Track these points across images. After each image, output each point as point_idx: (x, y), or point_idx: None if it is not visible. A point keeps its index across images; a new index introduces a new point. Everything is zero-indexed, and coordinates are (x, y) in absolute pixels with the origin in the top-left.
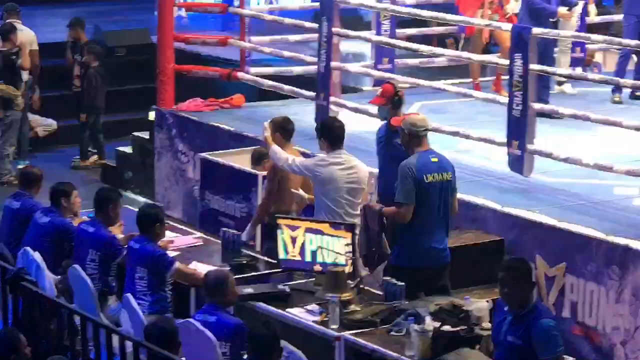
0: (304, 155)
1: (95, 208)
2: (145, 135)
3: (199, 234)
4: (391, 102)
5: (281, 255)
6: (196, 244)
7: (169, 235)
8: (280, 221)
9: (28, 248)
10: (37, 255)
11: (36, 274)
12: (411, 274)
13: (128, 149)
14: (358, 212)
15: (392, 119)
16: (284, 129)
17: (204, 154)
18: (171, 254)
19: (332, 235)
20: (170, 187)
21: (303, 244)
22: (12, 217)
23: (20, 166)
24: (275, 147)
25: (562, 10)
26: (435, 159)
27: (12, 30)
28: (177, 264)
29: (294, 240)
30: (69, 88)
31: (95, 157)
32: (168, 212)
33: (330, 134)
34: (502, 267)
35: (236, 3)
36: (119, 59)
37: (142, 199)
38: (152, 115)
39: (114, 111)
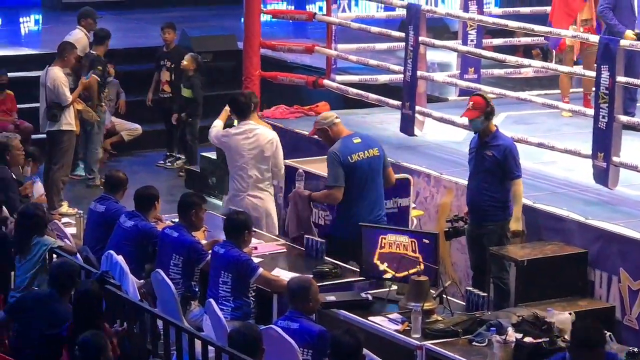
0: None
1: (179, 213)
2: None
3: (282, 241)
4: (484, 114)
5: (365, 263)
6: (280, 251)
7: (253, 241)
8: (362, 227)
9: (112, 251)
10: (120, 259)
11: (120, 277)
12: (346, 244)
13: (213, 155)
14: (266, 177)
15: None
16: (232, 107)
17: (288, 161)
18: (255, 260)
19: (413, 244)
20: None
21: (386, 253)
22: (97, 220)
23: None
24: (216, 121)
25: (629, 34)
26: (358, 140)
27: (108, 36)
28: (261, 270)
29: (377, 247)
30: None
31: (181, 161)
32: None
33: (239, 108)
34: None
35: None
36: (205, 65)
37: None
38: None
39: (203, 116)
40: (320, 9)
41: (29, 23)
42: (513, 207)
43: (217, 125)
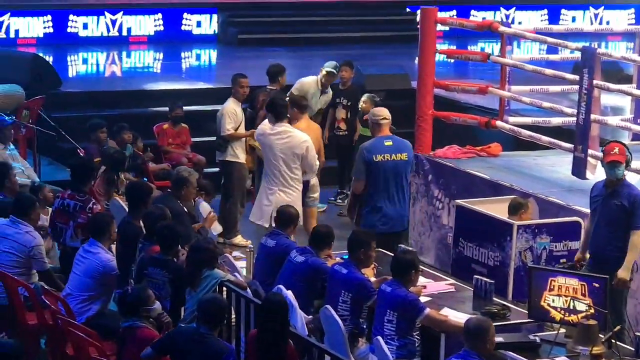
0: None
1: (349, 250)
2: None
3: (451, 281)
4: (627, 161)
5: (534, 305)
6: (448, 291)
7: (422, 280)
8: (532, 269)
9: (282, 286)
10: (290, 294)
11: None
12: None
13: None
14: (296, 175)
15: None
16: (298, 105)
17: (459, 201)
18: (423, 299)
19: (583, 287)
20: (424, 233)
21: (555, 295)
22: (268, 255)
23: None
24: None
25: None
26: (390, 143)
27: (282, 71)
28: (428, 310)
29: (546, 289)
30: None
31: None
32: (421, 257)
33: (275, 110)
34: None
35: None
36: (379, 103)
37: None
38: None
39: None
40: (483, 49)
41: (204, 57)
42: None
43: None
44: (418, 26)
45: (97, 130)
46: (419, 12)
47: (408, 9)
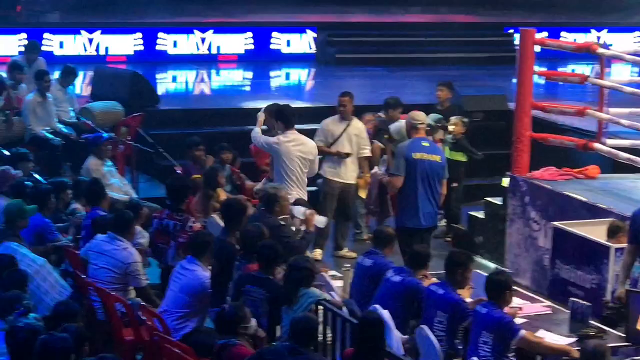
0: None
1: (447, 270)
2: (497, 201)
3: (547, 303)
4: None
5: (631, 328)
6: (544, 313)
7: (517, 302)
8: (629, 293)
9: (378, 305)
10: (386, 313)
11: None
12: (411, 232)
13: (480, 214)
14: (305, 178)
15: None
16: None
17: (556, 223)
18: (519, 321)
19: None
20: (520, 254)
21: None
22: (364, 274)
23: None
24: (255, 128)
25: None
26: (427, 144)
27: (397, 106)
28: (524, 332)
29: None
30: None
31: (444, 220)
32: (517, 279)
33: (285, 118)
34: None
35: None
36: (476, 124)
37: (491, 265)
38: (505, 182)
39: (467, 175)
40: (574, 70)
41: (302, 76)
42: None
43: (258, 131)
44: (516, 47)
45: (194, 148)
46: (515, 33)
47: (507, 30)
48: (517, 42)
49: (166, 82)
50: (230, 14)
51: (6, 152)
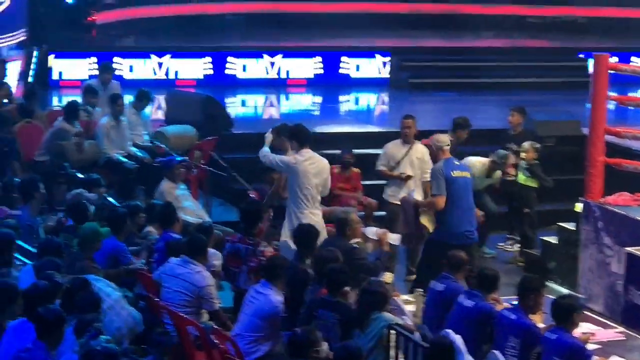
0: None
1: (520, 295)
2: (571, 226)
3: (620, 329)
4: None
5: None
6: (617, 339)
7: (590, 328)
8: None
9: (450, 330)
10: (458, 338)
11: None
12: (444, 246)
13: (553, 239)
14: (319, 197)
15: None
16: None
17: (630, 249)
18: (591, 347)
19: None
20: (593, 280)
21: None
22: (436, 299)
23: None
24: (264, 147)
25: None
26: (457, 163)
27: (465, 126)
28: (596, 359)
29: None
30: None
31: (517, 247)
32: (589, 305)
33: (300, 137)
34: None
35: None
36: (549, 149)
37: (564, 290)
38: (578, 207)
39: (541, 201)
40: None
41: (376, 101)
42: None
43: (268, 150)
44: (589, 72)
45: (269, 172)
46: (587, 58)
47: (580, 55)
48: (590, 67)
49: (235, 106)
50: (302, 38)
51: (80, 176)
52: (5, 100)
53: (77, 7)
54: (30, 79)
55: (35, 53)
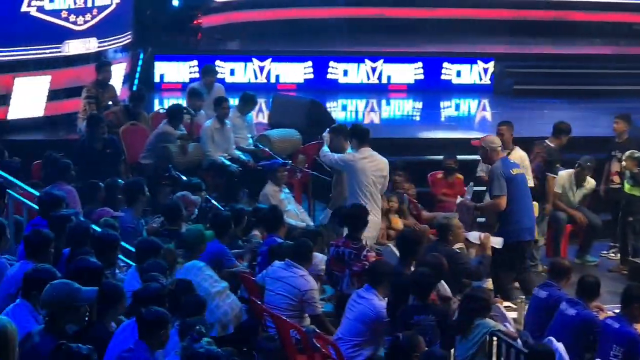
0: None
1: (623, 304)
2: None
3: None
4: None
5: None
6: None
7: None
8: None
9: (552, 338)
10: (560, 346)
11: None
12: (509, 247)
13: None
14: (380, 195)
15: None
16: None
17: None
18: None
19: None
20: None
21: None
22: (538, 306)
23: None
24: (324, 147)
25: None
26: (512, 160)
27: (566, 131)
28: None
29: None
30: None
31: (619, 254)
32: None
33: (359, 135)
34: None
35: None
36: None
37: None
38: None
39: None
40: None
41: (478, 107)
42: None
43: (328, 150)
44: None
45: (393, 173)
46: None
47: None
48: None
49: (336, 111)
50: (405, 44)
51: (184, 178)
52: (110, 102)
53: (183, 10)
54: (135, 82)
55: (140, 55)
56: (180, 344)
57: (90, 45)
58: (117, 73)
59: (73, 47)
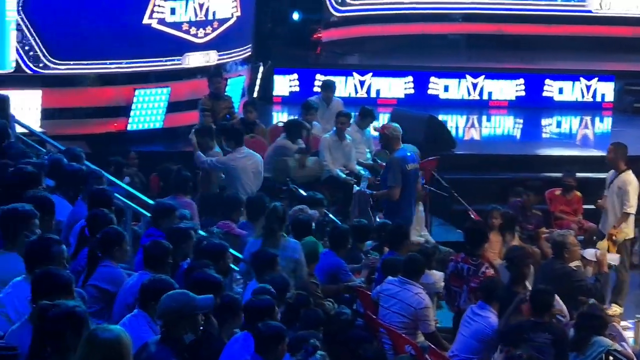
0: None
1: None
2: None
3: None
4: None
5: None
6: None
7: None
8: None
9: None
10: None
11: None
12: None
13: None
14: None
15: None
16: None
17: None
18: None
19: None
20: None
21: None
22: None
23: None
24: (198, 152)
25: None
26: (409, 153)
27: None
28: None
29: None
30: None
31: None
32: None
33: (235, 136)
34: None
35: None
36: None
37: None
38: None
39: None
40: None
41: (600, 125)
42: None
43: (201, 154)
44: None
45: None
46: None
47: None
48: None
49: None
50: (506, 60)
51: (303, 193)
52: (228, 115)
53: (303, 24)
54: (255, 94)
55: (260, 69)
56: (292, 358)
57: (210, 57)
58: (236, 86)
59: (193, 60)
